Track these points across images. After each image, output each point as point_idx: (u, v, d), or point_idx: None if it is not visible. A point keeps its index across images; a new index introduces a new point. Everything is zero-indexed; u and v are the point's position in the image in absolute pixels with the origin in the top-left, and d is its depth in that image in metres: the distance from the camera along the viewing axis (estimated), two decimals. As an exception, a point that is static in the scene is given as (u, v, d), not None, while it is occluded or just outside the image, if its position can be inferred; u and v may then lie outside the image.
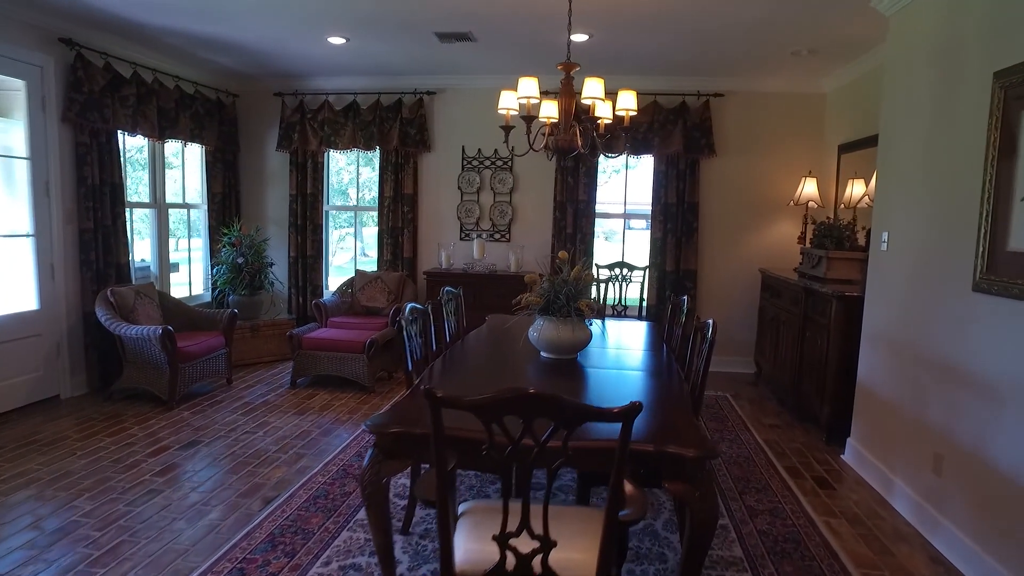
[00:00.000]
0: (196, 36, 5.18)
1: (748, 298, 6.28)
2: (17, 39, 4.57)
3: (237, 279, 6.20)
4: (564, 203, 6.38)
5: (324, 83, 6.68)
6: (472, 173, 6.59)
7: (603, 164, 6.58)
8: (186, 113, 6.01)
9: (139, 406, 4.89)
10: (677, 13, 4.30)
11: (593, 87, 3.03)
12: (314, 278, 6.87)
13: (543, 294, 3.16)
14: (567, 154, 3.23)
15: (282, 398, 5.20)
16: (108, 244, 5.24)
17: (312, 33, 5.03)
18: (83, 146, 5.00)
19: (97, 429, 4.41)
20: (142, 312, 5.15)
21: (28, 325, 4.80)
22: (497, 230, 6.62)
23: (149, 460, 3.91)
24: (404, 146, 6.51)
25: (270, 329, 6.33)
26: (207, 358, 5.22)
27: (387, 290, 6.28)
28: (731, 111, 6.23)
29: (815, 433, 4.56)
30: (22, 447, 4.07)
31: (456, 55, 5.59)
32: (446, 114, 6.58)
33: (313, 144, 6.66)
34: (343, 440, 4.30)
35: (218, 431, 4.43)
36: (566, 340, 3.13)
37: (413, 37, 5.08)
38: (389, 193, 6.60)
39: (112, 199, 5.23)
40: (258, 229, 6.80)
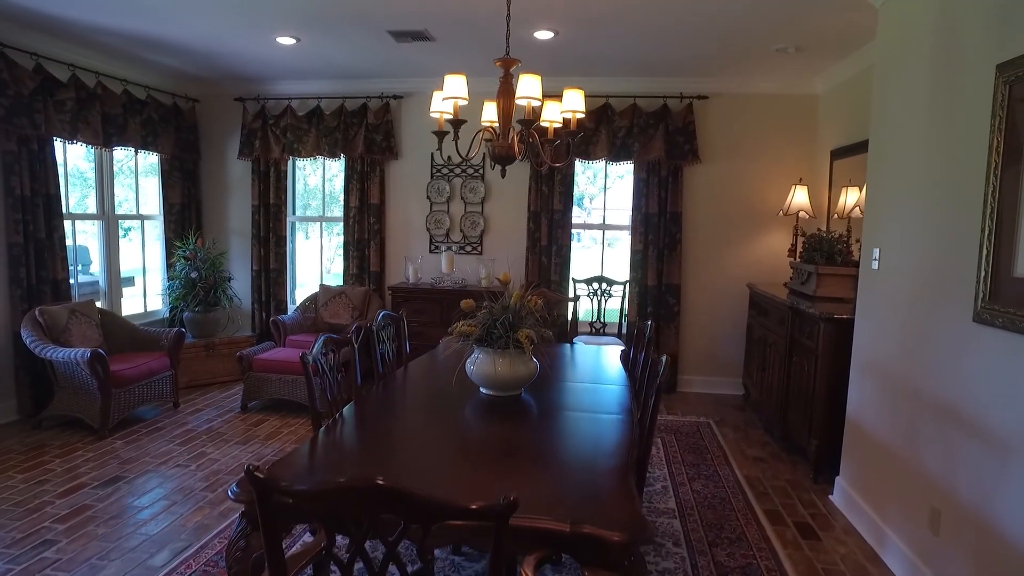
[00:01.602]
0: (130, 35, 4.81)
1: (736, 315, 5.86)
2: (-66, 39, 4.22)
3: (191, 295, 5.83)
4: (539, 213, 5.98)
5: (286, 87, 6.31)
6: (442, 182, 6.20)
7: (581, 172, 6.18)
8: (136, 119, 5.64)
9: (68, 435, 4.51)
10: (643, 8, 3.90)
11: (529, 85, 2.63)
12: (278, 293, 6.49)
13: (480, 322, 2.76)
14: (506, 163, 2.84)
15: (228, 424, 4.81)
16: (42, 259, 4.87)
17: (256, 32, 4.66)
18: (10, 154, 4.64)
19: (12, 463, 4.03)
20: (76, 332, 4.77)
21: (-49, 347, 4.44)
22: (468, 242, 6.23)
23: (56, 502, 3.51)
24: (370, 153, 6.14)
25: (227, 347, 5.95)
26: (148, 381, 4.84)
27: (351, 306, 5.90)
28: (716, 114, 5.82)
29: (803, 469, 4.12)
30: (-79, 488, 3.70)
31: (418, 56, 5.22)
32: (414, 119, 6.20)
33: (275, 152, 6.29)
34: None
35: (147, 464, 4.04)
36: (504, 376, 2.73)
37: (367, 37, 4.71)
38: (355, 203, 6.22)
39: (47, 211, 4.86)
40: (214, 242, 6.43)
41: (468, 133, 3.41)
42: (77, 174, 5.69)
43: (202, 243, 6.09)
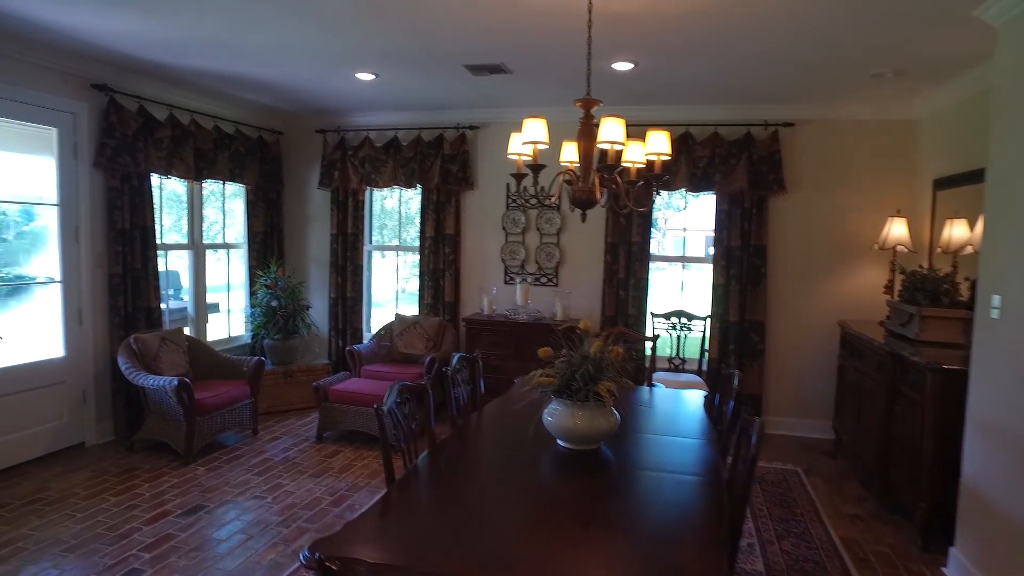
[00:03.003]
0: (224, 76, 5.02)
1: (825, 353, 5.51)
2: (50, 87, 4.52)
3: (271, 322, 5.98)
4: (616, 245, 5.84)
5: (365, 119, 6.45)
6: (517, 212, 6.16)
7: (660, 203, 6.01)
8: (224, 153, 5.88)
9: (156, 458, 4.67)
10: (734, 36, 3.75)
11: (611, 129, 2.52)
12: (354, 320, 6.59)
13: (558, 372, 2.66)
14: (586, 207, 2.73)
15: (304, 455, 4.87)
16: (138, 289, 5.10)
17: (339, 69, 4.77)
18: (114, 190, 4.91)
19: (106, 486, 4.20)
20: (166, 360, 4.96)
21: (53, 373, 4.69)
22: (544, 273, 6.15)
23: (143, 529, 3.62)
24: (446, 184, 6.17)
25: (304, 375, 6.07)
26: (230, 409, 4.96)
27: (426, 336, 5.91)
28: (804, 142, 5.54)
29: (908, 532, 3.77)
30: (26, 505, 3.90)
31: (494, 87, 5.22)
32: (489, 149, 6.21)
33: (354, 182, 6.43)
34: (354, 513, 3.88)
35: (226, 495, 4.11)
36: (583, 430, 2.61)
37: (443, 71, 4.73)
38: (430, 233, 6.26)
39: (143, 243, 5.11)
40: (294, 270, 6.60)
41: (547, 172, 3.33)
42: (170, 201, 5.96)
43: (283, 272, 6.26)
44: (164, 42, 4.19)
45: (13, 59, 4.28)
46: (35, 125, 4.52)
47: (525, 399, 2.86)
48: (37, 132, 4.59)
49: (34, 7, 3.59)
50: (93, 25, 3.88)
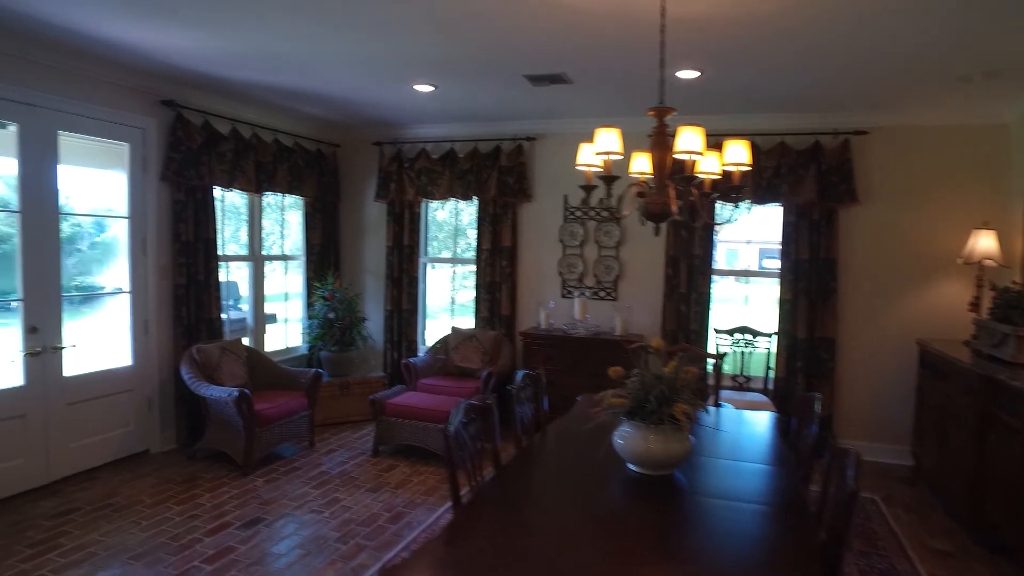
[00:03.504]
0: (284, 90, 5.08)
1: (901, 373, 5.20)
2: (123, 104, 4.65)
3: (328, 334, 6.01)
4: (677, 259, 5.67)
5: (421, 131, 6.46)
6: (575, 224, 6.05)
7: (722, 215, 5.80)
8: (284, 166, 5.96)
9: (217, 468, 4.71)
10: (806, 40, 3.57)
11: (690, 139, 2.40)
12: (409, 333, 6.57)
13: (630, 393, 2.53)
14: (660, 220, 2.61)
15: (360, 468, 4.84)
16: (200, 299, 5.19)
17: (397, 81, 4.76)
18: (179, 203, 5.01)
19: (170, 494, 4.25)
20: (226, 370, 5.01)
21: (122, 380, 4.80)
22: (602, 287, 6.01)
23: (205, 540, 3.63)
24: (502, 195, 6.11)
25: (360, 387, 6.06)
26: (287, 421, 4.98)
27: (482, 350, 5.83)
28: (878, 151, 5.27)
29: (1009, 571, 3.46)
30: (97, 510, 3.98)
31: (553, 98, 5.14)
32: (547, 161, 6.12)
33: (410, 194, 6.43)
34: (412, 531, 3.82)
35: (284, 508, 4.10)
36: (657, 454, 2.47)
37: (503, 81, 4.68)
38: (487, 245, 6.20)
39: (205, 254, 5.19)
40: (351, 282, 6.63)
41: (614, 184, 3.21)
42: (229, 213, 6.07)
43: (339, 284, 6.29)
44: (226, 57, 4.25)
45: (91, 78, 4.42)
46: (110, 141, 4.66)
47: (593, 419, 2.74)
48: (108, 147, 4.72)
49: (108, 27, 3.68)
50: (160, 42, 3.96)
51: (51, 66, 4.18)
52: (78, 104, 4.36)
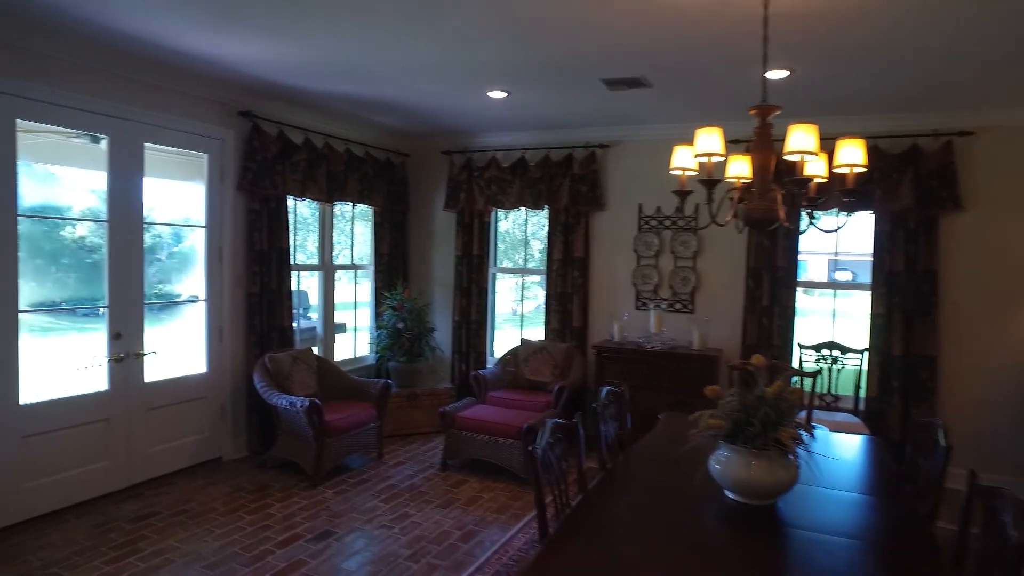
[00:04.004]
0: (356, 98, 5.08)
1: (1017, 396, 4.76)
2: (203, 115, 4.74)
3: (396, 345, 5.97)
4: (759, 270, 5.38)
5: (492, 139, 6.38)
6: (650, 234, 5.83)
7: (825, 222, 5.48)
8: (354, 175, 5.98)
9: (287, 478, 4.69)
10: (909, 32, 3.29)
11: (801, 139, 2.19)
12: (477, 344, 6.47)
13: (729, 414, 2.33)
14: (764, 227, 2.40)
15: (429, 483, 4.74)
16: (272, 308, 5.22)
17: (470, 88, 4.69)
18: (254, 212, 5.06)
19: (242, 503, 4.25)
20: (297, 379, 5.01)
21: (197, 387, 4.86)
22: (678, 299, 5.77)
23: (276, 552, 3.59)
24: (575, 204, 5.95)
25: (429, 399, 5.99)
26: (357, 432, 4.93)
27: (553, 363, 5.67)
28: (984, 153, 4.86)
29: None
30: (174, 516, 4.02)
31: (630, 103, 4.96)
32: (621, 169, 5.94)
33: (480, 203, 6.35)
34: (484, 551, 3.68)
35: (353, 521, 4.03)
36: (761, 482, 2.26)
37: (578, 86, 4.53)
38: (558, 256, 6.04)
39: (278, 263, 5.23)
40: (420, 292, 6.58)
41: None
42: (301, 223, 6.13)
43: (408, 294, 6.25)
44: (302, 67, 4.26)
45: (175, 91, 4.52)
46: (190, 152, 4.75)
47: (684, 441, 2.55)
48: (187, 160, 4.83)
49: (191, 39, 3.73)
50: (240, 54, 3.99)
51: (139, 80, 4.29)
52: (162, 116, 4.46)
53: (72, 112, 3.98)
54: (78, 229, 4.34)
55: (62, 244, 4.28)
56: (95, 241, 4.28)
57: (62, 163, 4.74)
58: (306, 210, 6.00)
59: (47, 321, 4.83)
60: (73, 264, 4.34)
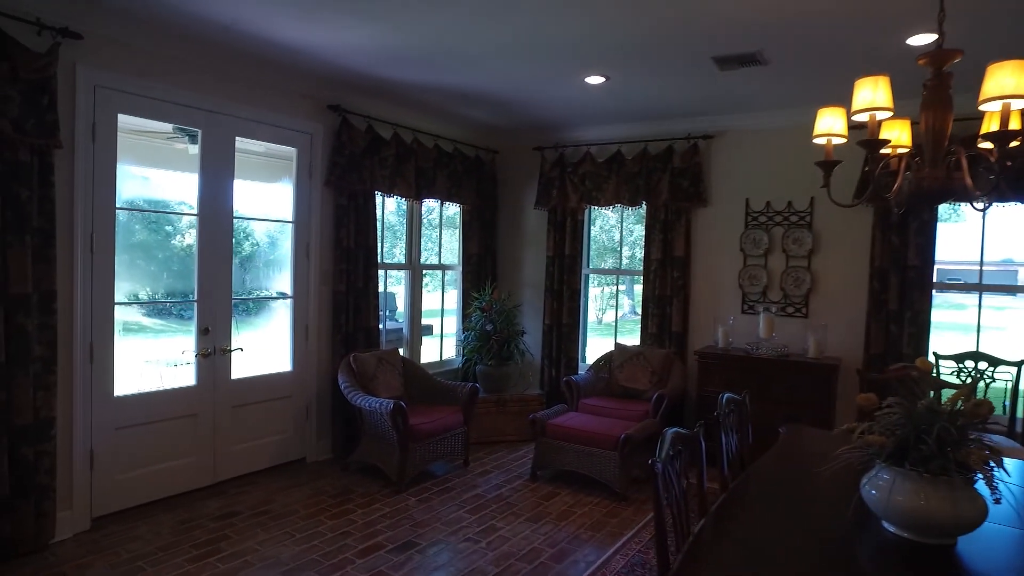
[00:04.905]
0: (447, 89, 4.87)
1: None
2: (292, 109, 4.67)
3: (485, 347, 5.72)
4: (885, 269, 4.77)
5: (585, 134, 6.05)
6: (758, 231, 5.32)
7: (943, 213, 4.83)
8: (443, 172, 5.79)
9: (369, 483, 4.50)
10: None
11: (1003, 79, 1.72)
12: (569, 349, 6.13)
13: (892, 429, 1.89)
14: (936, 201, 1.96)
15: (518, 494, 4.43)
16: (359, 307, 5.08)
17: (566, 73, 4.37)
18: (341, 208, 4.94)
19: (323, 507, 4.09)
20: (382, 381, 4.84)
21: (282, 386, 4.77)
22: (790, 302, 5.22)
23: (356, 562, 3.37)
24: (675, 200, 5.52)
25: (517, 405, 5.69)
26: (442, 437, 4.69)
27: (650, 370, 5.24)
28: None
29: None
30: (255, 516, 3.91)
31: (740, 86, 4.51)
32: (726, 161, 5.46)
33: (573, 200, 6.02)
34: (579, 573, 3.33)
35: (437, 532, 3.77)
36: (937, 516, 1.80)
37: (685, 67, 4.14)
38: (656, 255, 5.62)
39: (365, 261, 5.09)
40: (509, 293, 6.31)
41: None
42: (388, 225, 6.00)
43: (498, 295, 5.99)
44: (391, 54, 4.08)
45: (264, 85, 4.46)
46: (279, 147, 4.69)
47: (822, 460, 2.11)
48: (272, 162, 4.80)
49: (277, 26, 3.62)
50: (327, 41, 3.86)
51: (230, 75, 4.25)
52: (253, 111, 4.41)
53: (169, 106, 3.96)
54: (171, 227, 4.35)
55: (156, 240, 4.30)
56: (188, 242, 4.26)
57: (157, 166, 4.82)
58: (390, 204, 5.86)
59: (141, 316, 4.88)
60: (166, 260, 4.34)
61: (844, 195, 4.71)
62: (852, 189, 4.70)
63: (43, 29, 3.29)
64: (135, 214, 4.22)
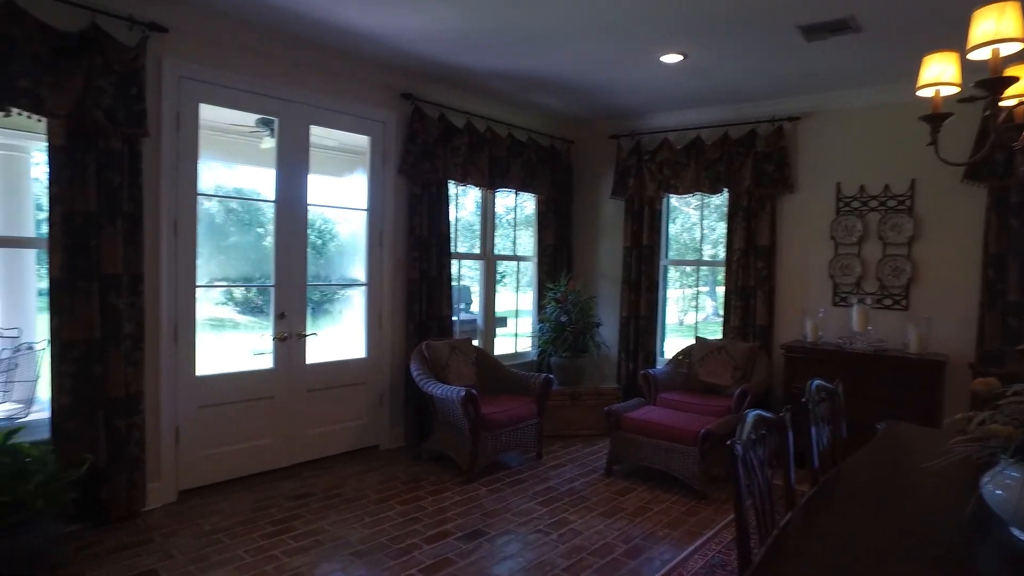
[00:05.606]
0: (520, 75, 4.80)
1: None
2: (365, 98, 4.71)
3: (559, 339, 5.60)
4: (1001, 256, 4.32)
5: (662, 120, 5.83)
6: (851, 218, 4.96)
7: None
8: (517, 161, 5.71)
9: (440, 471, 4.48)
10: None
11: None
12: (646, 342, 5.92)
13: (1017, 418, 1.65)
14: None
15: (591, 488, 4.29)
16: (432, 296, 5.08)
17: (641, 51, 4.20)
18: (414, 197, 4.95)
19: (394, 492, 4.09)
20: (454, 369, 4.80)
21: (356, 372, 4.82)
22: (888, 294, 4.83)
23: (424, 547, 3.33)
24: (758, 187, 5.23)
25: (592, 399, 5.54)
26: (515, 428, 4.61)
27: (733, 364, 4.98)
28: None
29: None
30: (327, 499, 3.95)
31: (830, 59, 4.21)
32: (814, 144, 5.12)
33: (650, 189, 5.81)
34: (653, 571, 3.16)
35: (508, 522, 3.69)
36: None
37: (769, 38, 3.88)
38: (739, 245, 5.34)
39: (438, 250, 5.08)
40: (585, 285, 6.16)
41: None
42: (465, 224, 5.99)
43: (573, 286, 5.86)
44: (462, 38, 4.04)
45: (338, 74, 4.51)
46: (350, 140, 4.78)
47: (931, 456, 1.87)
48: (343, 156, 4.89)
49: (351, 14, 3.65)
50: (397, 25, 3.86)
51: (304, 63, 4.32)
52: (327, 99, 4.47)
53: (247, 95, 4.07)
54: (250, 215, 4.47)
55: (237, 231, 4.43)
56: (265, 231, 4.37)
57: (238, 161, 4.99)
58: (471, 205, 5.84)
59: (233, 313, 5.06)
60: (245, 248, 4.47)
61: (952, 171, 4.33)
62: (963, 157, 4.30)
63: (134, 24, 3.43)
64: (217, 207, 4.37)
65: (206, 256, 4.19)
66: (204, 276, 4.07)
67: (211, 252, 4.41)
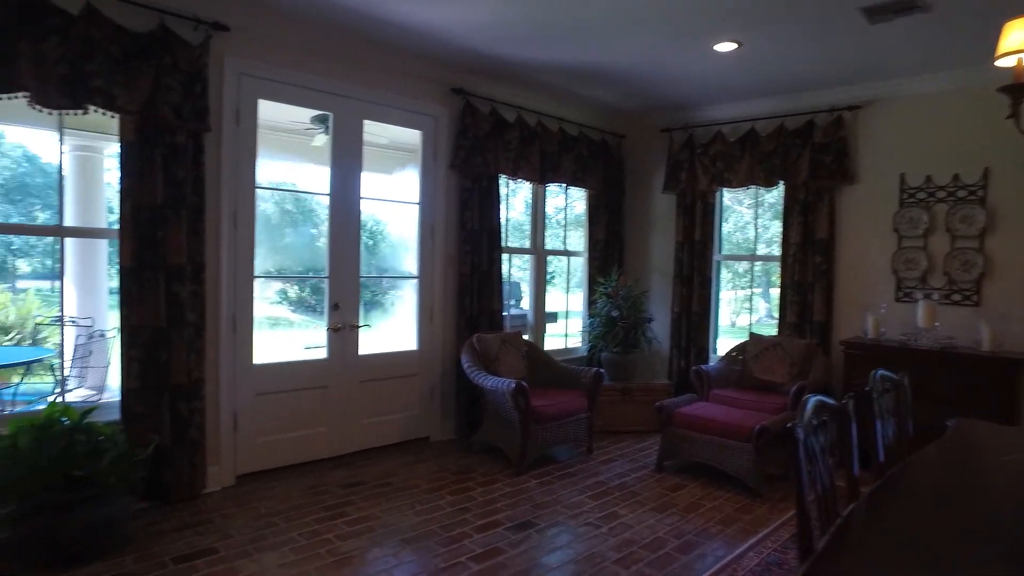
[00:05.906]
0: (570, 69, 4.79)
1: None
2: (417, 92, 4.77)
3: (610, 334, 5.55)
4: (1084, 248, 4.09)
5: (716, 112, 5.72)
6: (916, 209, 4.76)
7: None
8: (568, 156, 5.69)
9: (490, 464, 4.49)
10: None
11: None
12: (699, 339, 5.82)
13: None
14: None
15: (642, 483, 4.24)
16: (482, 290, 5.10)
17: (694, 38, 4.13)
18: (465, 191, 4.99)
19: (444, 483, 4.12)
20: (505, 362, 4.82)
21: (408, 364, 4.88)
22: (957, 289, 4.62)
23: (474, 536, 3.35)
24: (816, 179, 5.07)
25: (643, 394, 5.47)
26: (565, 421, 4.59)
27: (789, 361, 4.84)
28: None
29: None
30: (378, 487, 4.01)
31: (892, 46, 4.05)
32: (875, 134, 4.94)
33: (703, 183, 5.71)
34: (705, 567, 3.10)
35: (557, 514, 3.68)
36: None
37: (828, 22, 3.76)
38: (795, 239, 5.20)
39: (489, 244, 5.10)
40: (636, 280, 6.09)
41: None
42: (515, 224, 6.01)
43: (624, 280, 5.80)
44: (512, 30, 4.05)
45: (390, 69, 4.58)
46: (401, 137, 4.85)
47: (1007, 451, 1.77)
48: (393, 154, 4.96)
49: (403, 8, 3.69)
50: (447, 18, 3.89)
51: (358, 60, 4.40)
52: (380, 94, 4.55)
53: (303, 91, 4.17)
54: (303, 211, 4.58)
55: (293, 225, 4.55)
56: (319, 227, 4.47)
57: (294, 158, 5.12)
58: (521, 206, 5.85)
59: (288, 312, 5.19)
60: (301, 244, 4.59)
61: None
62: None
63: (199, 24, 3.56)
64: (273, 208, 4.50)
65: (263, 255, 4.31)
66: (260, 271, 4.19)
67: (267, 252, 4.54)
